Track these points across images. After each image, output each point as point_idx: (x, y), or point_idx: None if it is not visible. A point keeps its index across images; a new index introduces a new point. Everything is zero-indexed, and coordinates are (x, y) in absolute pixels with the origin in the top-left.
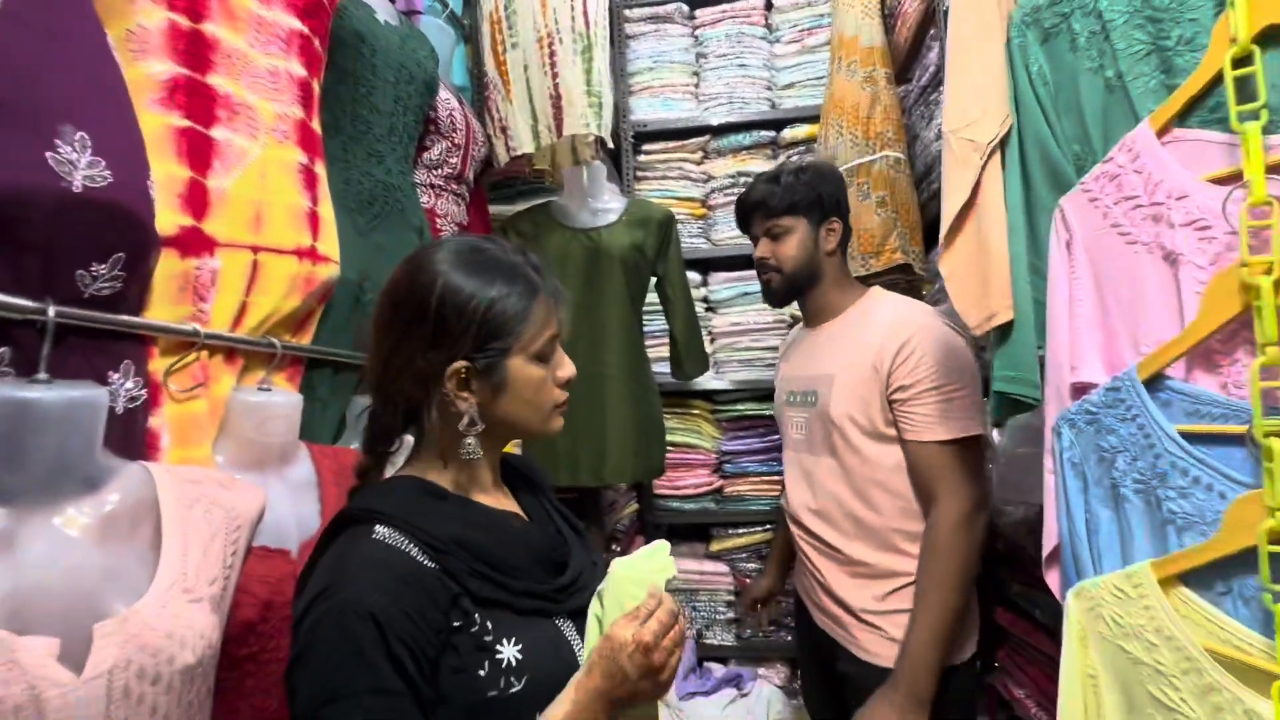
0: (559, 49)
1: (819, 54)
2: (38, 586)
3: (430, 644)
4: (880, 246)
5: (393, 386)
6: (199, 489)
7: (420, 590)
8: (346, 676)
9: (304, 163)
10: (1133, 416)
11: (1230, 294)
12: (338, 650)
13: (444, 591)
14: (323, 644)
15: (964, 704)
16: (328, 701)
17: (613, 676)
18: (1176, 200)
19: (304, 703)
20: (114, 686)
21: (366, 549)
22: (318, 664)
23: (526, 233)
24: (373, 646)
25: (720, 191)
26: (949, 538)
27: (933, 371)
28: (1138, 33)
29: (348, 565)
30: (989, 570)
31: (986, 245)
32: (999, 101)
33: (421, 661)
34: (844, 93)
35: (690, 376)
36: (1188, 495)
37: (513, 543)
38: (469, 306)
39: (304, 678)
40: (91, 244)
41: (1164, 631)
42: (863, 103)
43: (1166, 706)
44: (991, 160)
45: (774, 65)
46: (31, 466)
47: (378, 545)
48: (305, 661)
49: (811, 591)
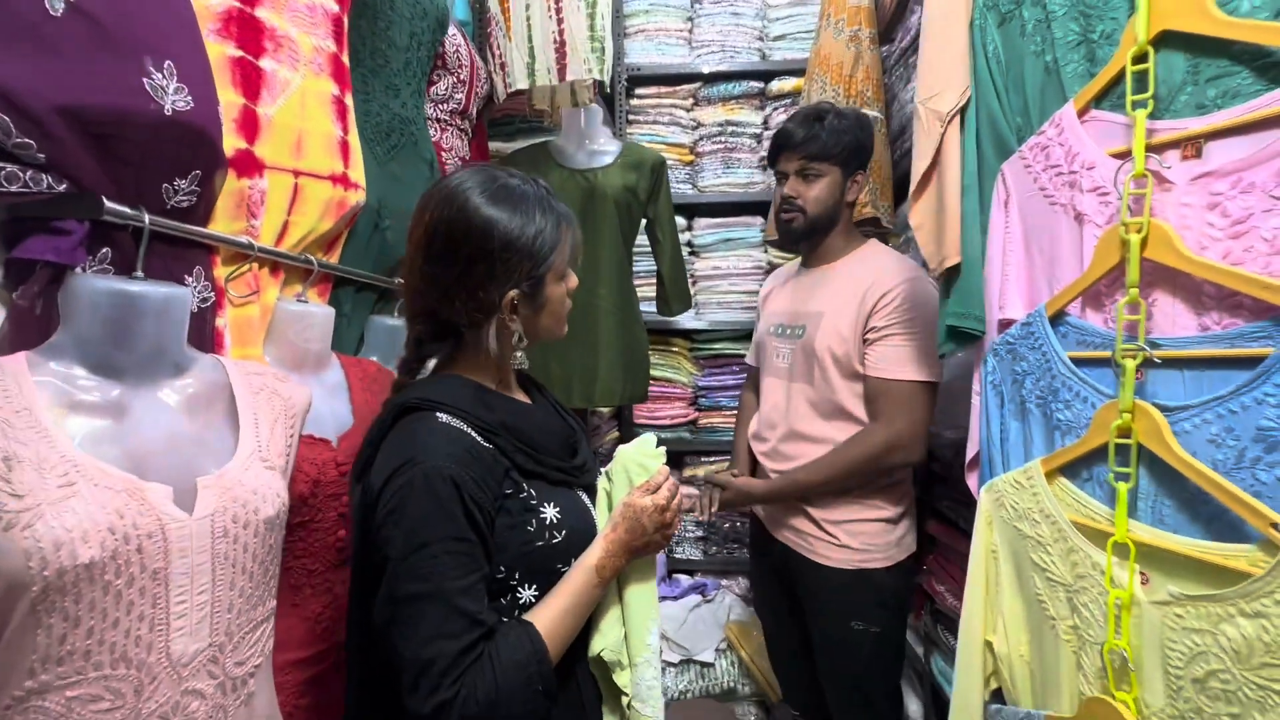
0: None
1: (810, 7)
2: (149, 445)
3: (491, 506)
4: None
5: (451, 312)
6: (262, 380)
7: (481, 463)
8: (433, 527)
9: (336, 94)
10: (1039, 346)
11: (1113, 248)
12: (425, 507)
13: (498, 465)
14: (412, 502)
15: (903, 592)
16: (420, 547)
17: (634, 531)
18: (1087, 170)
19: (398, 549)
20: (216, 526)
21: (437, 429)
22: (409, 518)
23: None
24: (452, 504)
25: (708, 139)
26: (862, 447)
27: (905, 319)
28: (1072, 24)
29: (425, 441)
30: (925, 488)
31: (944, 202)
32: (961, 75)
33: (487, 519)
34: (830, 50)
35: (675, 313)
36: (1071, 406)
37: (542, 428)
38: (520, 244)
39: (397, 530)
40: (176, 161)
41: (1045, 511)
42: (846, 61)
43: (1041, 568)
44: (951, 127)
45: (766, 15)
46: (137, 348)
47: (446, 426)
48: (397, 517)
49: (773, 508)
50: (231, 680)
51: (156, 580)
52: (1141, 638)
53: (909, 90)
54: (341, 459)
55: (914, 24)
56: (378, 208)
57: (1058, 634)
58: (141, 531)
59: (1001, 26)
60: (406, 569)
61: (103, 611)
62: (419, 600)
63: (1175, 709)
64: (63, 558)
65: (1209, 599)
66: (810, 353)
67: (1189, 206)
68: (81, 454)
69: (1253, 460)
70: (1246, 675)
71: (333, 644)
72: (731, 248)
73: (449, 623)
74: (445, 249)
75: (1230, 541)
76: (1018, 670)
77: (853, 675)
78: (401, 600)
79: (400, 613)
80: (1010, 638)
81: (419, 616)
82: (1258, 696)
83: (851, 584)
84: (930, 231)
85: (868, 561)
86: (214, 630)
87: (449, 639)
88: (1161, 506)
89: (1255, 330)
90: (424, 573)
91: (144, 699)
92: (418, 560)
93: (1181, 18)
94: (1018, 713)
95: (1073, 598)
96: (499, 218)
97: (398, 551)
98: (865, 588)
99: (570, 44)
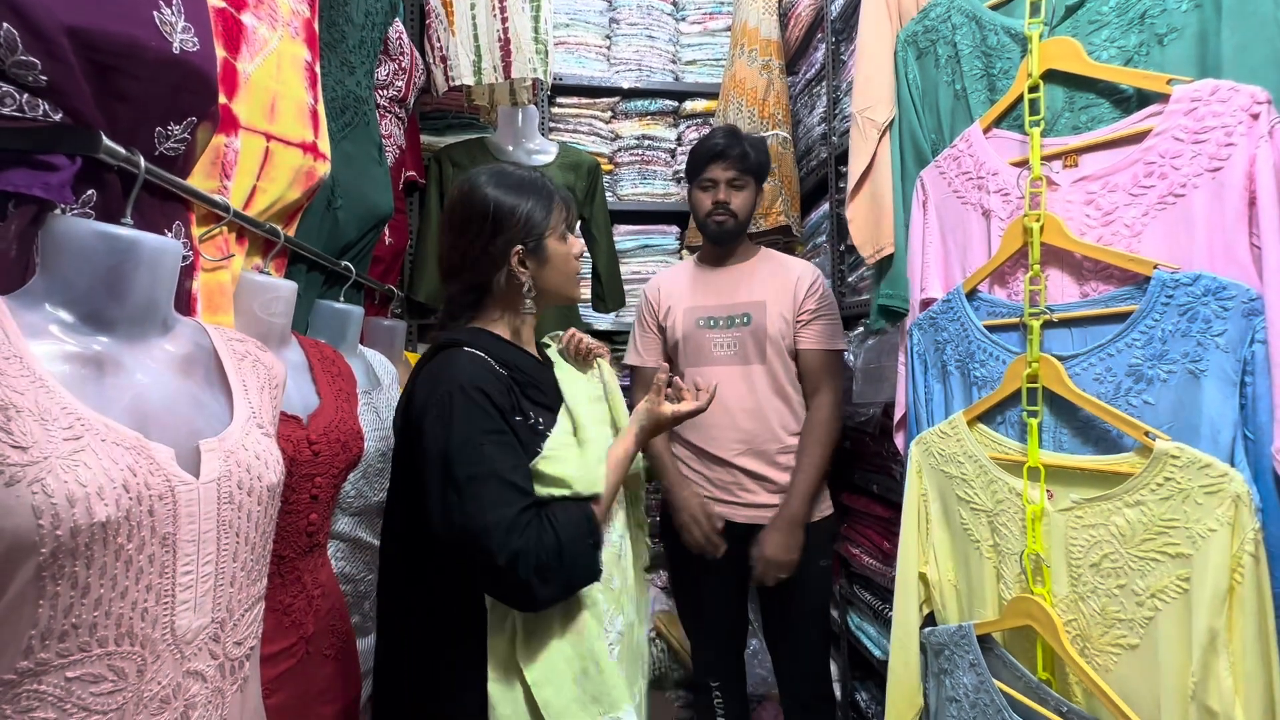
0: None
1: (719, 37)
2: (147, 404)
3: (511, 415)
4: (768, 209)
5: (471, 269)
6: (245, 347)
7: (501, 383)
8: (476, 422)
9: (308, 60)
10: (957, 318)
11: (1016, 235)
12: (465, 408)
13: (511, 392)
14: (454, 405)
15: (827, 544)
16: (467, 439)
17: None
18: (991, 175)
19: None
20: (222, 491)
21: (465, 358)
22: (455, 418)
23: (462, 164)
24: (487, 405)
25: (626, 150)
26: (828, 415)
27: (828, 303)
28: (977, 61)
29: (457, 365)
30: (837, 465)
31: (878, 199)
32: (890, 96)
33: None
34: (744, 75)
35: (610, 309)
36: (986, 365)
37: (541, 372)
38: (517, 212)
39: (444, 428)
40: (174, 105)
41: (968, 452)
42: (759, 86)
43: (966, 500)
44: (884, 137)
45: (679, 41)
46: (128, 300)
47: (474, 356)
48: (445, 418)
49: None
50: (230, 661)
51: (165, 547)
52: (1051, 541)
53: (814, 116)
54: (314, 438)
55: (817, 59)
56: (332, 185)
57: (981, 554)
58: (154, 492)
59: (919, 59)
60: (461, 457)
61: (113, 579)
62: (475, 481)
63: (1076, 592)
64: (77, 515)
65: (1101, 499)
66: (762, 335)
67: (1071, 203)
68: (84, 407)
69: (1126, 390)
70: (1130, 552)
71: (301, 637)
72: (650, 253)
73: (506, 493)
74: (462, 221)
75: (1114, 454)
76: (948, 595)
77: (821, 605)
78: (461, 481)
79: (463, 492)
80: (940, 566)
81: (478, 492)
82: (1139, 566)
83: (817, 531)
84: (865, 225)
85: (822, 512)
86: (216, 605)
87: (507, 505)
88: (1061, 435)
89: (1122, 294)
90: (475, 457)
91: (146, 680)
92: (469, 449)
93: (1062, 61)
94: (949, 629)
95: (993, 520)
96: (496, 194)
97: (450, 445)
98: (822, 533)
99: (515, 43)
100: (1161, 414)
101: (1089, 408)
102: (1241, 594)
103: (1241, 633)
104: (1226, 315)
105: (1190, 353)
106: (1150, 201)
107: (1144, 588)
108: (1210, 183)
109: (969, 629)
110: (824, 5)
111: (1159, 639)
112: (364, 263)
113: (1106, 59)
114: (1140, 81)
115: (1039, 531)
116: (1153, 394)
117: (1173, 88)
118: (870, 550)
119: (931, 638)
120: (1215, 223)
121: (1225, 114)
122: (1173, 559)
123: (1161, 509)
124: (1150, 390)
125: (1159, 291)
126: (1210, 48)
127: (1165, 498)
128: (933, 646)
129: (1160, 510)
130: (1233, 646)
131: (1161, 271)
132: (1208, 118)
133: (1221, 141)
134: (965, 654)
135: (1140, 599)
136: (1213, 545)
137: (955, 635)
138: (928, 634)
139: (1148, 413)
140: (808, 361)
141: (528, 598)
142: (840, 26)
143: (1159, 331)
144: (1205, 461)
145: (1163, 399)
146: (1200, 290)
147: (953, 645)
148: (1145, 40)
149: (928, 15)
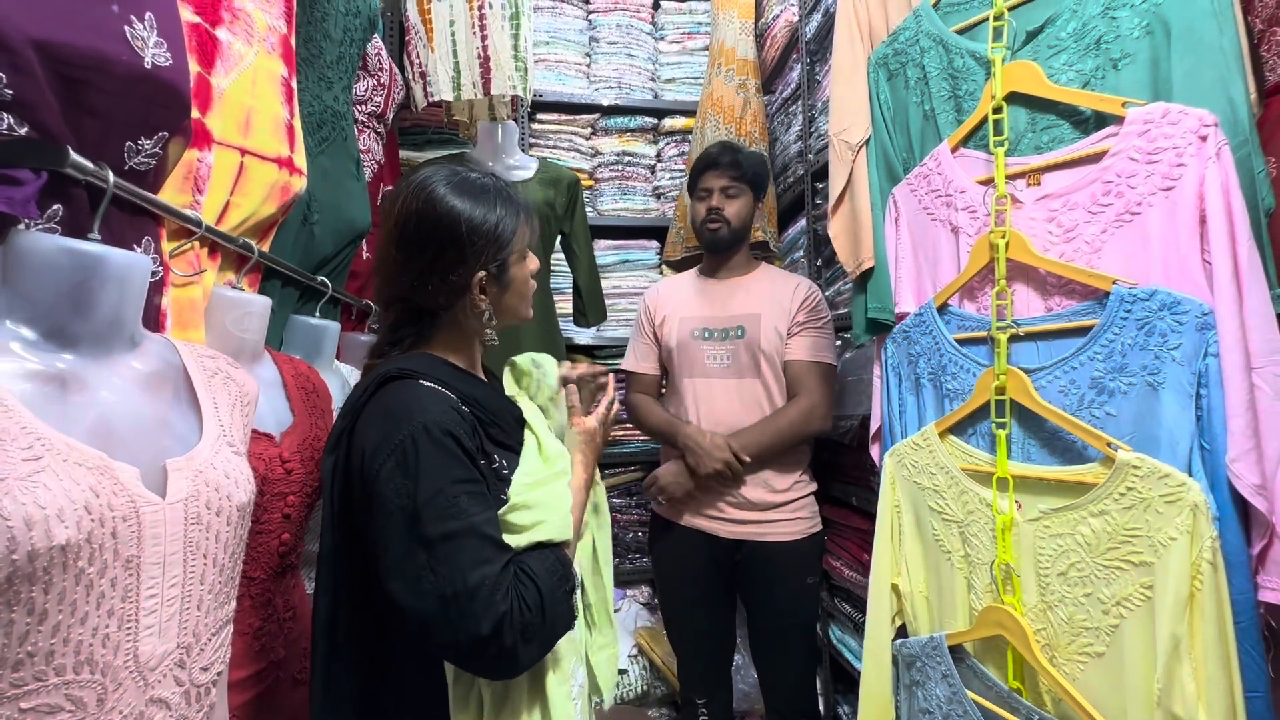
0: (488, 13)
1: (697, 56)
2: (111, 423)
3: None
4: None
5: (424, 296)
6: (215, 364)
7: (468, 425)
8: (447, 471)
9: (284, 76)
10: (929, 332)
11: (983, 251)
12: (434, 455)
13: (476, 433)
14: (421, 452)
15: (815, 561)
16: (438, 491)
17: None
18: (959, 193)
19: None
20: (189, 511)
21: (425, 392)
22: (422, 467)
23: None
24: (456, 451)
25: (606, 166)
26: (792, 414)
27: (820, 317)
28: (944, 83)
29: (417, 402)
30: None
31: (858, 216)
32: (864, 117)
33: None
34: (721, 94)
35: (592, 324)
36: (957, 377)
37: (500, 406)
38: (484, 230)
39: (409, 480)
40: (145, 120)
41: (939, 464)
42: (736, 104)
43: (938, 511)
44: (859, 156)
45: (658, 60)
46: (94, 317)
47: (432, 391)
48: (408, 469)
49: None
50: (196, 688)
51: (129, 570)
52: (1020, 550)
53: (790, 134)
54: (287, 456)
55: (793, 79)
56: (308, 200)
57: (952, 564)
58: (117, 514)
59: (890, 81)
60: (432, 512)
61: (72, 604)
62: (453, 537)
63: (1045, 601)
64: (35, 538)
65: (1068, 509)
66: (756, 348)
67: (1034, 220)
68: (46, 426)
69: (1090, 402)
70: (1096, 561)
71: (271, 662)
72: (630, 268)
73: (484, 550)
74: (417, 238)
75: (1079, 464)
76: (919, 606)
77: (808, 621)
78: (434, 540)
79: (436, 552)
80: (912, 577)
81: (456, 550)
82: (1104, 575)
83: (806, 547)
84: (847, 241)
85: (813, 528)
86: (182, 630)
87: (488, 564)
88: (1029, 446)
89: (1084, 309)
90: (450, 512)
91: (106, 709)
92: (441, 502)
93: (1024, 84)
94: (921, 640)
95: (964, 530)
96: (464, 208)
97: (418, 499)
98: (813, 548)
99: (495, 60)
100: (1123, 425)
101: (1054, 419)
102: (1201, 601)
103: (1203, 638)
104: (1181, 329)
105: (1149, 365)
106: (1109, 219)
107: (1109, 596)
108: (1164, 201)
109: (941, 640)
110: (799, 27)
111: (1125, 646)
112: (341, 278)
113: (1065, 82)
114: (1097, 104)
115: (1009, 541)
116: (1115, 405)
117: (1127, 110)
118: (850, 563)
119: (903, 649)
120: (1169, 239)
121: (1176, 135)
122: (1136, 567)
123: (1124, 518)
124: (1112, 402)
125: (1118, 306)
126: (1161, 72)
127: (1128, 507)
128: (904, 658)
129: (1123, 519)
130: (1194, 652)
131: (1120, 287)
132: (1160, 139)
133: (1173, 162)
134: (938, 665)
135: (1106, 607)
136: (1173, 553)
137: (927, 647)
138: (899, 646)
139: (1110, 424)
140: (792, 372)
141: (509, 664)
142: (815, 48)
143: (1119, 345)
144: (1165, 471)
145: (1124, 410)
146: (1156, 305)
147: (924, 657)
148: (1101, 64)
149: (897, 39)
